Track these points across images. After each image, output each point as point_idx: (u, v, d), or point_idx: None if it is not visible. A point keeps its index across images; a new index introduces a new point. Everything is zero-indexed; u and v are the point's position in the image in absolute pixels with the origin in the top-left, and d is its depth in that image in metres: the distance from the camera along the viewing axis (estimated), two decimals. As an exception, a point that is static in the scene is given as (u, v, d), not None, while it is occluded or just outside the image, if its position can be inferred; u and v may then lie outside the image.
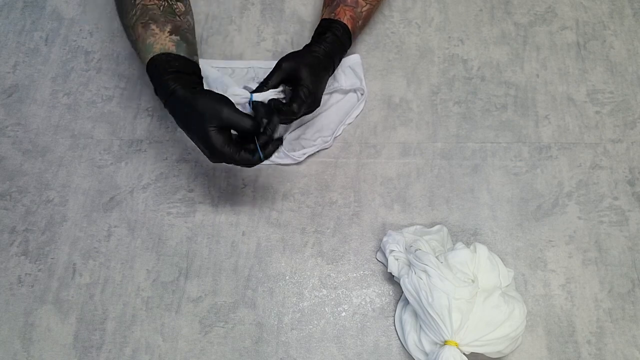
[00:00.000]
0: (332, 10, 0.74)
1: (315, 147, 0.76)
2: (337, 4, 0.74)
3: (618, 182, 0.73)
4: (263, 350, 0.65)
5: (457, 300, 0.58)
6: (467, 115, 0.79)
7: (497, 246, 0.70)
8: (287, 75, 0.66)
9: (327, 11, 0.74)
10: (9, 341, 0.66)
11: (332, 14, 0.73)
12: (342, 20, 0.72)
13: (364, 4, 0.75)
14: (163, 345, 0.66)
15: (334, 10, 0.73)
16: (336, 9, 0.73)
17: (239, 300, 0.68)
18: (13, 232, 0.72)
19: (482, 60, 0.83)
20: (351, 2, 0.74)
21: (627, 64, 0.81)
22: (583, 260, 0.69)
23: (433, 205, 0.73)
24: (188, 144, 0.78)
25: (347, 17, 0.73)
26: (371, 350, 0.65)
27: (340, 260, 0.70)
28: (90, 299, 0.68)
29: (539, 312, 0.66)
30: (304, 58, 0.68)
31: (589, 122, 0.78)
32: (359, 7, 0.75)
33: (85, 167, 0.77)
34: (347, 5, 0.74)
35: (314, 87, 0.66)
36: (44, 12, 0.89)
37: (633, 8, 0.86)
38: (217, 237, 0.72)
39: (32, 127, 0.80)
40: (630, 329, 0.65)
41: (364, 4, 0.75)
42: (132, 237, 0.72)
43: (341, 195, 0.74)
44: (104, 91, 0.82)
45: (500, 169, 0.75)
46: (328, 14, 0.74)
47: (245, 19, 0.87)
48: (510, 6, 0.87)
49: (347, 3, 0.74)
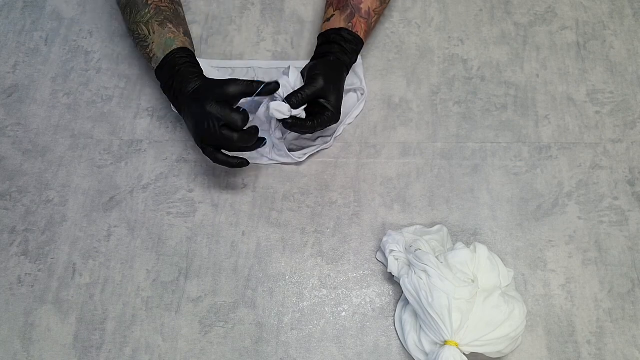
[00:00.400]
0: (348, 19, 0.73)
1: (315, 147, 0.76)
2: (352, 14, 0.73)
3: (618, 182, 0.73)
4: (263, 350, 0.65)
5: (457, 300, 0.58)
6: (467, 115, 0.79)
7: (497, 246, 0.70)
8: (320, 91, 0.67)
9: (342, 18, 0.73)
10: (9, 341, 0.66)
11: (350, 24, 0.73)
12: (360, 36, 0.73)
13: (374, 15, 0.75)
14: (163, 345, 0.66)
15: (351, 21, 0.73)
16: (352, 19, 0.73)
17: (239, 300, 0.68)
18: (13, 232, 0.72)
19: (482, 60, 0.83)
20: (365, 14, 0.73)
21: (627, 64, 0.82)
22: (583, 260, 0.69)
23: (433, 205, 0.73)
24: (188, 144, 0.78)
25: (362, 31, 0.73)
26: (371, 350, 0.65)
27: (340, 260, 0.70)
28: (90, 299, 0.68)
29: (539, 312, 0.66)
30: (335, 75, 0.69)
31: (589, 122, 0.78)
32: (370, 19, 0.75)
33: (85, 167, 0.77)
34: (362, 17, 0.73)
35: (338, 107, 0.69)
36: (44, 12, 0.89)
37: (633, 8, 0.86)
38: (217, 237, 0.72)
39: (32, 127, 0.80)
40: (630, 329, 0.65)
41: (373, 15, 0.75)
42: (132, 237, 0.72)
43: (341, 195, 0.74)
44: (104, 91, 0.82)
45: (500, 169, 0.75)
46: (345, 23, 0.73)
47: (245, 19, 0.87)
48: (510, 6, 0.87)
49: (362, 14, 0.73)
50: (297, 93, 0.66)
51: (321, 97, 0.67)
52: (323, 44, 0.73)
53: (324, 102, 0.68)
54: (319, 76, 0.67)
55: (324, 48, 0.73)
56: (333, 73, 0.69)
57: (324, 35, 0.74)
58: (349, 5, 0.73)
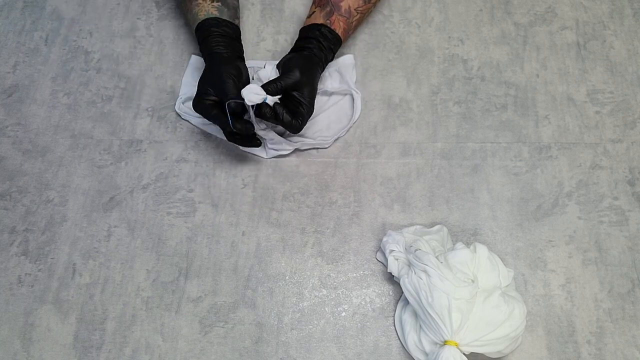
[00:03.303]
0: (327, 17, 0.74)
1: (313, 141, 0.76)
2: (332, 11, 0.74)
3: (618, 182, 0.73)
4: (263, 350, 0.65)
5: (457, 300, 0.58)
6: (467, 115, 0.79)
7: (497, 246, 0.70)
8: (295, 84, 0.68)
9: (321, 15, 0.75)
10: (9, 341, 0.66)
11: (328, 21, 0.74)
12: (338, 33, 0.74)
13: (356, 14, 0.76)
14: (163, 345, 0.66)
15: (329, 18, 0.74)
16: (331, 16, 0.74)
17: (239, 300, 0.68)
18: (13, 232, 0.72)
19: (482, 60, 0.83)
20: (345, 12, 0.74)
21: (627, 64, 0.81)
22: (583, 260, 0.69)
23: (433, 205, 0.73)
24: (188, 144, 0.78)
25: (341, 29, 0.75)
26: (371, 350, 0.65)
27: (340, 260, 0.70)
28: (90, 299, 0.68)
29: (539, 312, 0.66)
30: (310, 69, 0.70)
31: (589, 122, 0.78)
32: (352, 18, 0.75)
33: (85, 167, 0.77)
34: (341, 15, 0.74)
35: (311, 100, 0.70)
36: (44, 12, 0.89)
37: (633, 8, 0.86)
38: (217, 237, 0.72)
39: (32, 127, 0.80)
40: (630, 329, 0.65)
41: (355, 14, 0.76)
42: (132, 237, 0.72)
43: (341, 195, 0.74)
44: (104, 91, 0.82)
45: (500, 169, 0.75)
46: (323, 19, 0.74)
47: (245, 19, 0.87)
48: (510, 6, 0.87)
49: (341, 12, 0.74)
50: (273, 82, 0.67)
51: (295, 89, 0.68)
52: (301, 38, 0.75)
53: (298, 95, 0.68)
54: (294, 68, 0.68)
55: (302, 42, 0.74)
56: (308, 67, 0.70)
57: (304, 29, 0.75)
58: (329, 3, 0.74)
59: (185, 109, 0.79)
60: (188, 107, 0.79)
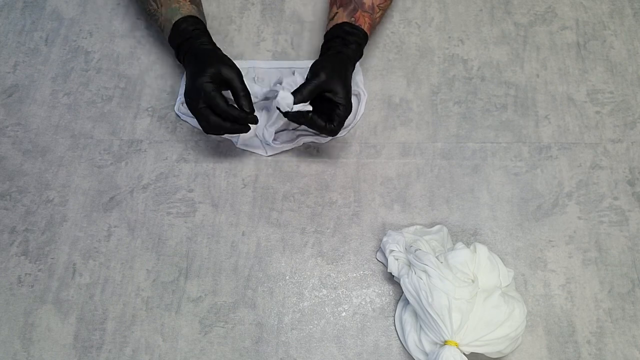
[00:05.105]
0: (351, 14, 0.73)
1: (311, 133, 0.76)
2: (355, 8, 0.73)
3: (618, 182, 0.73)
4: (263, 350, 0.65)
5: (457, 300, 0.58)
6: (467, 115, 0.79)
7: (497, 246, 0.70)
8: (324, 87, 0.67)
9: (344, 13, 0.73)
10: (9, 341, 0.66)
11: (352, 19, 0.73)
12: (363, 28, 0.73)
13: (378, 10, 0.75)
14: (163, 345, 0.66)
15: (354, 15, 0.73)
16: (355, 13, 0.73)
17: (239, 300, 0.68)
18: (13, 232, 0.72)
19: (482, 60, 0.83)
20: (368, 8, 0.74)
21: (627, 64, 0.82)
22: (583, 260, 0.69)
23: (433, 205, 0.73)
24: (188, 144, 0.78)
25: (366, 24, 0.73)
26: (371, 350, 0.65)
27: (340, 260, 0.70)
28: (90, 299, 0.68)
29: (539, 312, 0.66)
30: (338, 67, 0.69)
31: (589, 122, 0.78)
32: (375, 14, 0.75)
33: (85, 167, 0.77)
34: (365, 11, 0.73)
35: (347, 98, 0.68)
36: (44, 12, 0.89)
37: (633, 8, 0.86)
38: (217, 237, 0.72)
39: (32, 127, 0.80)
40: (630, 329, 0.65)
41: (378, 10, 0.75)
42: (132, 237, 0.72)
43: (341, 195, 0.74)
44: (104, 91, 0.82)
45: (500, 169, 0.75)
46: (347, 17, 0.73)
47: (245, 19, 0.87)
48: (510, 6, 0.87)
49: (365, 8, 0.73)
50: (300, 88, 0.66)
51: (326, 90, 0.67)
52: (326, 41, 0.74)
53: (331, 95, 0.67)
54: (320, 70, 0.67)
55: (327, 44, 0.73)
56: (336, 66, 0.68)
57: (328, 33, 0.74)
58: (352, 1, 0.74)
59: (184, 110, 0.79)
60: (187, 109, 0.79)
